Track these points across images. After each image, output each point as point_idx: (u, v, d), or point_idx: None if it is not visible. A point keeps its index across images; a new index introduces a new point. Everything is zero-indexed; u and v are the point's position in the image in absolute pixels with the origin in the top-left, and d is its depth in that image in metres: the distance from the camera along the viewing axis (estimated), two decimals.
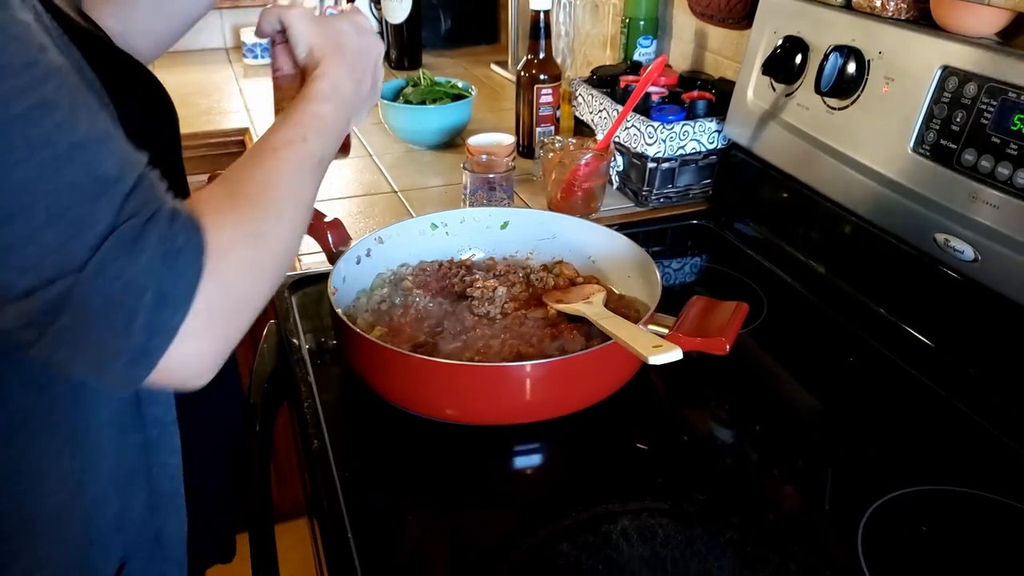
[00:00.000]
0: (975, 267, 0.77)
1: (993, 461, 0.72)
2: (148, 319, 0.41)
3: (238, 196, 0.49)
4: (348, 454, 0.71)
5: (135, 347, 0.42)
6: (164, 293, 0.42)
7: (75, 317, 0.40)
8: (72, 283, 0.40)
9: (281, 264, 0.52)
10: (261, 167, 0.53)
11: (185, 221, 0.44)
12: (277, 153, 0.54)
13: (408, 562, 0.61)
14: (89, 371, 0.42)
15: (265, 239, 0.49)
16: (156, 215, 0.42)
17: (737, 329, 0.72)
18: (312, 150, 0.57)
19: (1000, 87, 0.74)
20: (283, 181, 0.53)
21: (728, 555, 0.59)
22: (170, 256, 0.42)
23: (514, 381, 0.71)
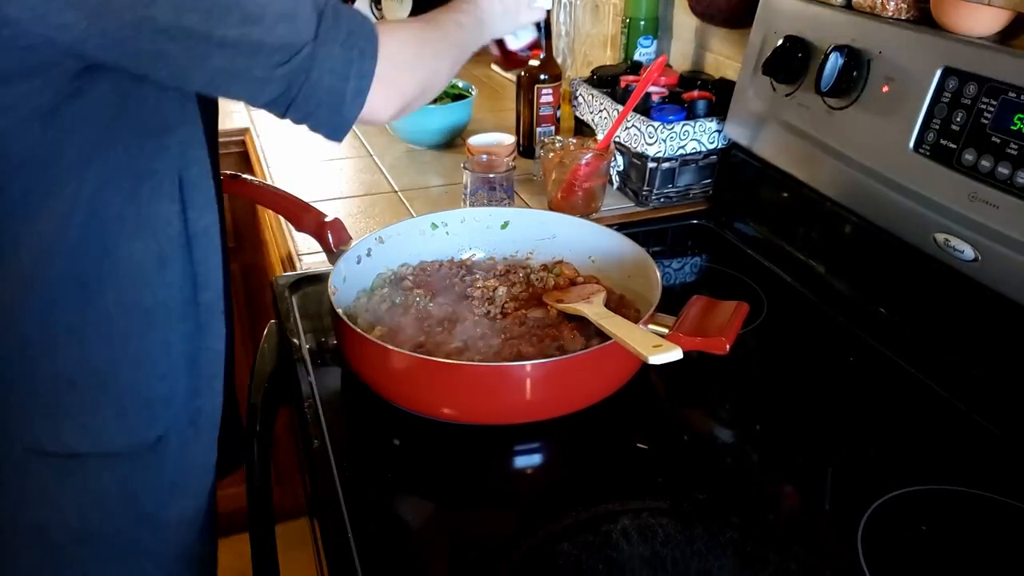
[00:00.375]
0: (975, 267, 0.77)
1: (993, 461, 0.72)
2: (358, 66, 0.60)
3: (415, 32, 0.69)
4: (348, 454, 0.71)
5: (353, 88, 0.60)
6: (363, 49, 0.60)
7: (319, 71, 0.58)
8: (312, 47, 0.57)
9: (452, 57, 0.72)
10: (436, 25, 0.71)
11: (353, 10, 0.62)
12: (446, 27, 0.72)
13: (408, 562, 0.61)
14: (328, 113, 0.61)
15: (436, 32, 0.70)
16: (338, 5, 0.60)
17: (737, 329, 0.72)
18: (465, 33, 0.74)
19: (1000, 87, 0.74)
20: (449, 36, 0.72)
21: (728, 554, 0.59)
22: (355, 23, 0.60)
23: (514, 381, 0.71)
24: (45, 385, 0.64)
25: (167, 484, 0.70)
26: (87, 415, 0.66)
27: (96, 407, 0.66)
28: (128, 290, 0.64)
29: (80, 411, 0.65)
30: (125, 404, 0.67)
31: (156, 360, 0.67)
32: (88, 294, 0.63)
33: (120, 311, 0.64)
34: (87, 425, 0.66)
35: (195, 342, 0.69)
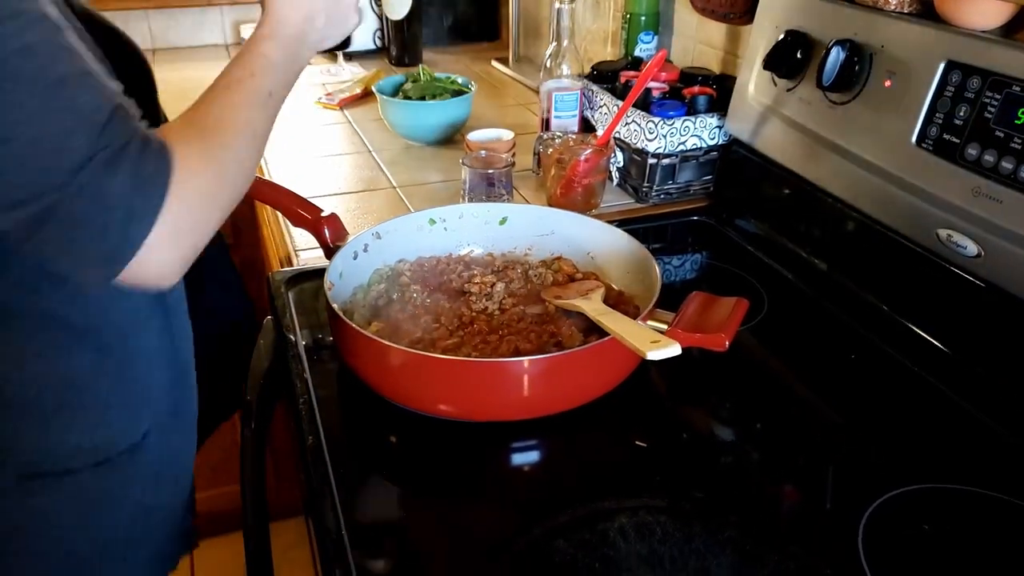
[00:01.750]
0: (978, 262, 0.77)
1: (996, 459, 0.71)
2: (119, 232, 0.50)
3: (199, 127, 0.57)
4: (344, 451, 0.70)
5: (106, 254, 0.50)
6: (133, 211, 0.50)
7: (58, 227, 0.49)
8: (56, 199, 0.48)
9: (237, 187, 0.60)
10: (217, 103, 0.60)
11: (155, 150, 0.51)
12: (229, 90, 0.60)
13: (403, 559, 0.60)
14: (69, 269, 0.53)
15: (223, 165, 0.57)
16: (129, 144, 0.50)
17: (737, 325, 0.71)
18: (260, 86, 0.62)
19: (1004, 80, 0.73)
20: (236, 115, 0.59)
21: (727, 553, 0.58)
22: (140, 180, 0.50)
23: (511, 377, 0.70)
24: (33, 405, 0.64)
25: (152, 475, 0.72)
26: (76, 430, 0.66)
27: (84, 420, 0.66)
28: (95, 308, 0.64)
29: (70, 427, 0.65)
30: (111, 413, 0.67)
31: (134, 365, 0.68)
32: (55, 317, 0.63)
33: (93, 326, 0.64)
34: (78, 439, 0.66)
35: (165, 340, 0.71)
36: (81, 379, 0.65)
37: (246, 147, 0.60)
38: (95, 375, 0.66)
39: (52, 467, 0.65)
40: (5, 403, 0.63)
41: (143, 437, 0.69)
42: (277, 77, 0.64)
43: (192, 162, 0.54)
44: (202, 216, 0.55)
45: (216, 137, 0.57)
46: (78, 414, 0.66)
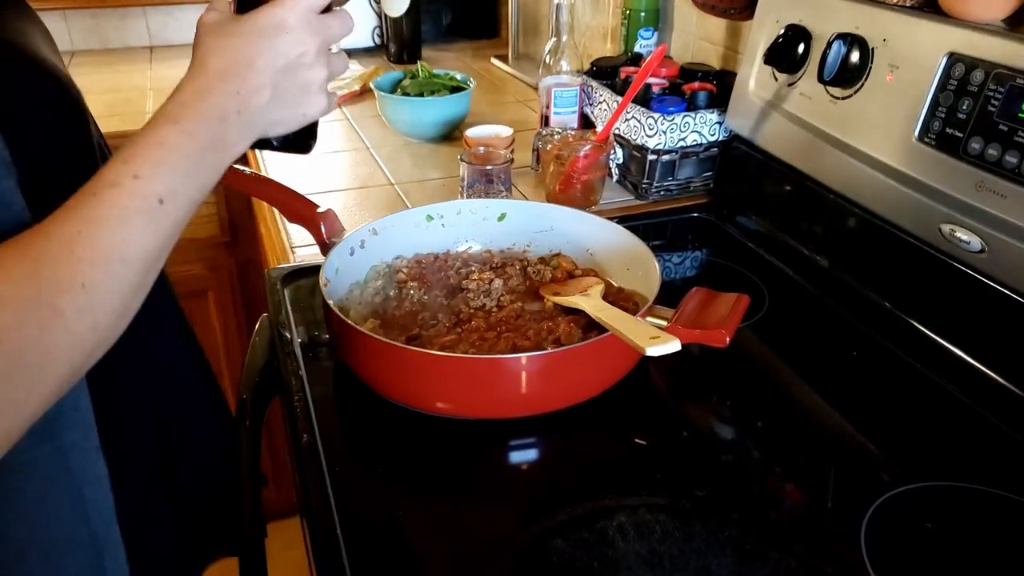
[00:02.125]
0: (982, 258, 0.76)
1: (1000, 456, 0.70)
2: None
3: (35, 260, 0.42)
4: (339, 449, 0.69)
5: None
6: None
7: None
8: None
9: (83, 343, 0.43)
10: (74, 219, 0.44)
11: None
12: (96, 199, 0.45)
13: (399, 558, 0.59)
14: None
15: (61, 316, 0.42)
16: None
17: (737, 321, 0.70)
18: (144, 188, 0.46)
19: (1008, 73, 0.72)
20: (98, 236, 0.44)
21: (727, 552, 0.57)
22: None
23: (509, 374, 0.69)
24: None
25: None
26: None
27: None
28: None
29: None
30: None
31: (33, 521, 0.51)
32: None
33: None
34: None
35: (70, 494, 0.53)
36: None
37: (101, 287, 0.44)
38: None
39: None
40: None
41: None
42: (176, 176, 0.48)
43: (5, 318, 0.40)
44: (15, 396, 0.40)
45: (49, 277, 0.42)
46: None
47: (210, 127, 0.50)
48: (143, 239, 0.46)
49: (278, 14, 0.54)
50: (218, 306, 1.72)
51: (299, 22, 0.54)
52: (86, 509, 0.54)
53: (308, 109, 0.57)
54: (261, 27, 0.53)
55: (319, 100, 0.58)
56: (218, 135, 0.51)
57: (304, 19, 0.54)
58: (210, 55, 0.52)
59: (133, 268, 0.46)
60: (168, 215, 0.47)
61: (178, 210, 0.48)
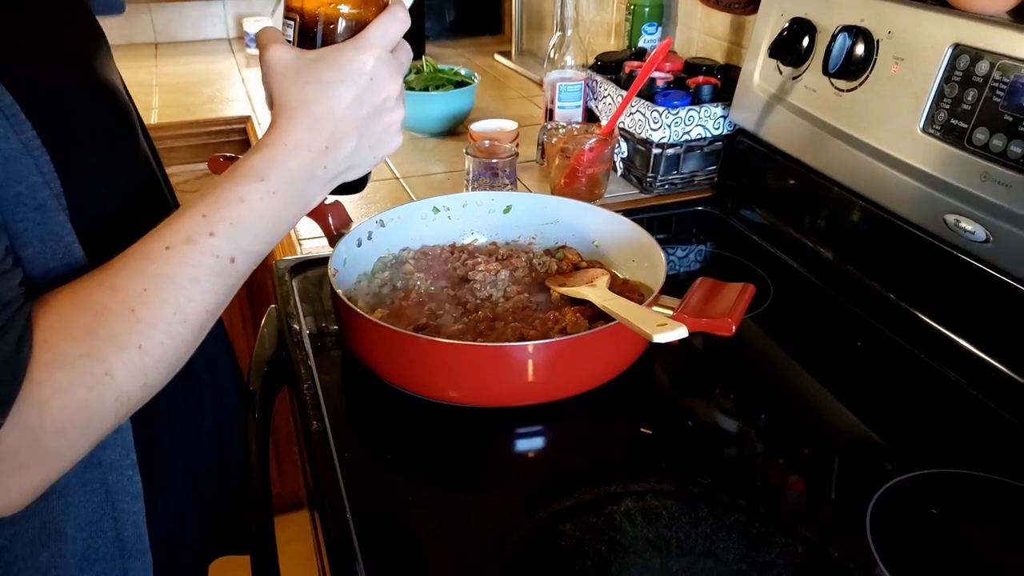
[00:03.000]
0: (987, 248, 0.76)
1: (1004, 444, 0.71)
2: None
3: (95, 315, 0.41)
4: (348, 436, 0.70)
5: None
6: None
7: None
8: None
9: (131, 399, 0.43)
10: (141, 273, 0.43)
11: (10, 347, 0.38)
12: (168, 254, 0.43)
13: (409, 543, 0.60)
14: None
15: (113, 377, 0.41)
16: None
17: (743, 311, 0.70)
18: (219, 247, 0.45)
19: (1013, 64, 0.72)
20: (165, 295, 0.42)
21: (734, 536, 0.58)
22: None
23: (517, 362, 0.70)
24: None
25: None
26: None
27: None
28: None
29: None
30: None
31: (57, 539, 0.51)
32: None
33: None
34: None
35: (108, 503, 0.53)
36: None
37: (164, 343, 0.43)
38: (9, 559, 0.49)
39: None
40: None
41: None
42: (252, 236, 0.46)
43: (63, 377, 0.39)
44: (64, 444, 0.41)
45: (117, 334, 0.41)
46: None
47: (295, 186, 0.49)
48: (207, 299, 0.45)
49: (359, 59, 0.51)
50: None
51: (379, 64, 0.51)
52: (118, 521, 0.54)
53: (384, 150, 0.55)
54: (344, 73, 0.50)
55: (396, 140, 0.55)
56: (301, 192, 0.49)
57: (383, 60, 0.52)
58: (296, 105, 0.49)
59: (192, 328, 0.45)
60: (236, 273, 0.47)
61: (247, 267, 0.47)
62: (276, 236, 0.49)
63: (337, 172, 0.52)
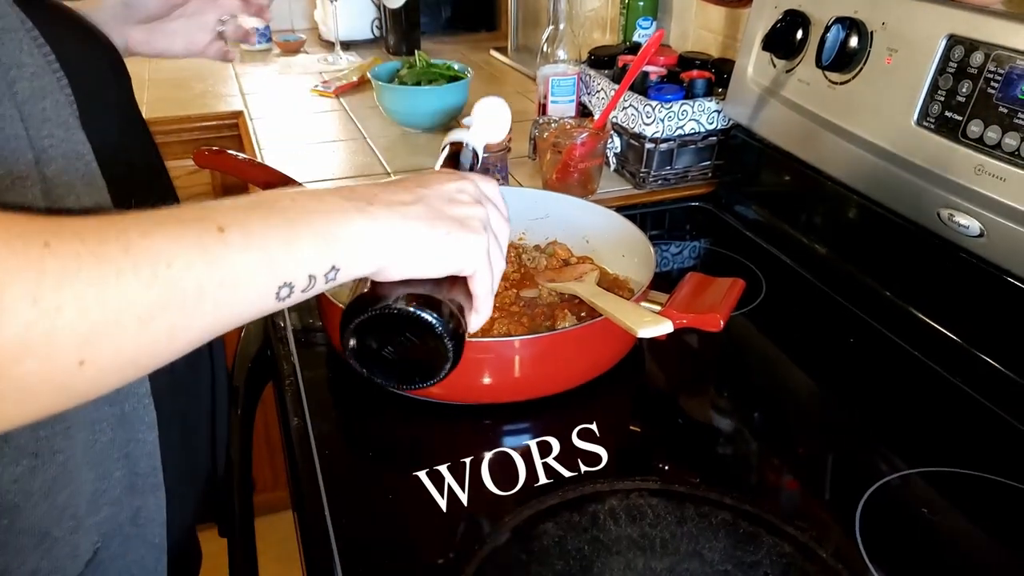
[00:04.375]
0: (981, 242, 0.75)
1: (997, 442, 0.69)
2: None
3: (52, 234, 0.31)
4: (330, 433, 0.68)
5: None
6: None
7: None
8: None
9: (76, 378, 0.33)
10: (117, 218, 0.34)
11: None
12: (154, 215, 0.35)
13: (388, 542, 0.58)
14: None
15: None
16: None
17: (732, 306, 0.69)
18: (211, 219, 0.36)
19: (1008, 55, 0.71)
20: (141, 240, 0.33)
21: (720, 535, 0.57)
22: None
23: (502, 358, 0.69)
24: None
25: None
26: (7, 558, 0.49)
27: (16, 551, 0.48)
28: None
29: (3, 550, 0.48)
30: (49, 539, 0.50)
31: (79, 471, 0.50)
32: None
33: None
34: (9, 569, 0.49)
35: (123, 432, 0.53)
36: (5, 497, 0.47)
37: (133, 290, 0.32)
38: (26, 491, 0.47)
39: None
40: None
41: (94, 554, 0.52)
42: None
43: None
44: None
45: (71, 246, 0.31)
46: (7, 543, 0.48)
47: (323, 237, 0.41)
48: (193, 274, 0.35)
49: (460, 176, 0.52)
50: None
51: (470, 184, 0.52)
52: (131, 455, 0.54)
53: (461, 248, 0.47)
54: (438, 176, 0.50)
55: (474, 242, 0.47)
56: (320, 196, 0.43)
57: (476, 184, 0.53)
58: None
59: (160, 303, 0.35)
60: (221, 255, 0.37)
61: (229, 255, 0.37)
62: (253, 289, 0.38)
63: (377, 200, 0.44)
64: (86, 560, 0.51)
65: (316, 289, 0.40)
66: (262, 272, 0.37)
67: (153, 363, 0.36)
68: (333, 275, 0.40)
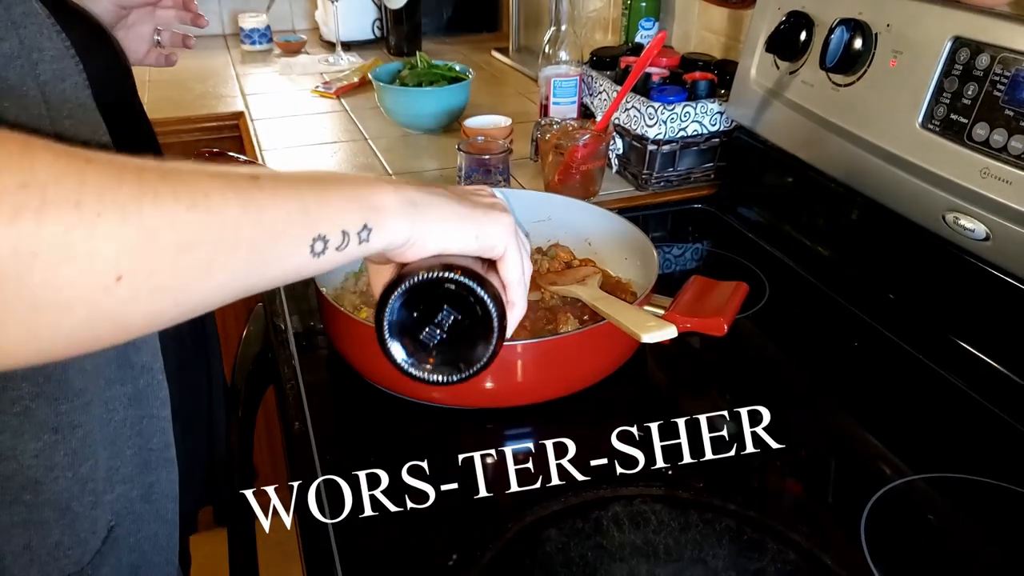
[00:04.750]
0: (986, 246, 0.74)
1: (1003, 447, 0.69)
2: None
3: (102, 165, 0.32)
4: (330, 437, 0.68)
5: None
6: None
7: None
8: None
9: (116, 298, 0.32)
10: (151, 162, 0.34)
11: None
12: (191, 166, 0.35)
13: (389, 548, 0.58)
14: None
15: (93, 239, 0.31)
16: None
17: (736, 310, 0.69)
18: (246, 173, 0.37)
19: (1014, 57, 0.70)
20: (178, 181, 0.33)
21: (724, 542, 0.56)
22: None
23: (504, 362, 0.68)
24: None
25: (127, 568, 0.56)
26: (31, 532, 0.49)
27: (37, 525, 0.49)
28: (45, 367, 0.47)
29: (18, 536, 0.49)
30: (69, 513, 0.50)
31: (96, 446, 0.51)
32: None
33: (47, 396, 0.47)
34: (32, 550, 0.49)
35: (136, 409, 0.54)
36: (29, 471, 0.48)
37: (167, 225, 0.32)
38: (47, 465, 0.48)
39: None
40: None
41: (109, 531, 0.53)
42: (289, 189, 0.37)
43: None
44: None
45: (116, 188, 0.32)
46: (31, 518, 0.48)
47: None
48: (226, 213, 0.35)
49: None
50: None
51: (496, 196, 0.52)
52: (144, 432, 0.54)
53: (490, 223, 0.47)
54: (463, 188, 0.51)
55: (503, 219, 0.48)
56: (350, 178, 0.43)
57: (502, 201, 0.52)
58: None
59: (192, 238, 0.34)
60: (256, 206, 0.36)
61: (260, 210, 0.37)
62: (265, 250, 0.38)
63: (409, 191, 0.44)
64: (102, 537, 0.52)
65: (349, 251, 0.40)
66: (296, 220, 0.37)
67: (186, 299, 0.35)
68: (366, 235, 0.40)
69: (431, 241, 0.44)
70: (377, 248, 0.41)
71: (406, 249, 0.43)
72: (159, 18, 0.94)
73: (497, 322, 0.44)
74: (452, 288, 0.43)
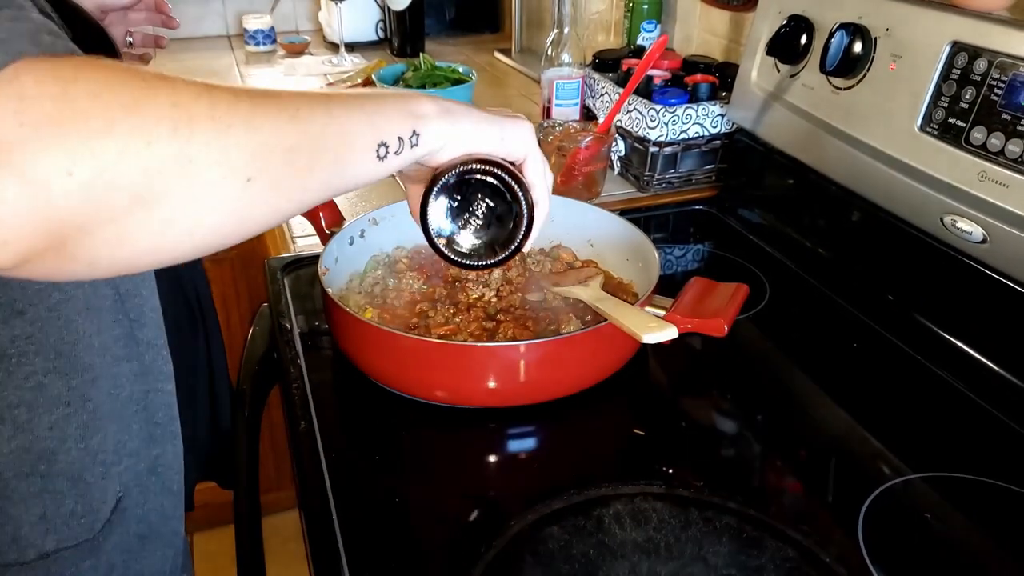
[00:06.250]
0: (984, 249, 0.75)
1: (1000, 448, 0.70)
2: None
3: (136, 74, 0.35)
4: (336, 436, 0.69)
5: None
6: None
7: None
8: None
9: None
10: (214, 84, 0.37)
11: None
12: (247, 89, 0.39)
13: (394, 545, 0.59)
14: None
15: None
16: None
17: (736, 311, 0.70)
18: (293, 102, 0.40)
19: (1012, 62, 0.71)
20: (235, 101, 0.37)
21: (724, 540, 0.57)
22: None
23: (507, 361, 0.69)
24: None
25: (134, 538, 0.58)
26: (46, 502, 0.52)
27: (51, 495, 0.52)
28: (56, 344, 0.50)
29: (33, 506, 0.52)
30: (81, 484, 0.53)
31: (105, 419, 0.54)
32: (8, 364, 0.49)
33: (59, 371, 0.50)
34: (45, 520, 0.52)
35: (142, 384, 0.57)
36: (43, 443, 0.51)
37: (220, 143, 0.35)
38: (60, 437, 0.51)
39: (18, 557, 0.52)
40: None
41: (117, 502, 0.56)
42: (341, 111, 0.42)
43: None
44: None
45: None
46: (46, 488, 0.51)
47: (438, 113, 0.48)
48: (264, 142, 0.38)
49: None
50: (219, 298, 1.72)
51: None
52: (149, 407, 0.58)
53: (513, 127, 0.53)
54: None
55: (524, 124, 0.54)
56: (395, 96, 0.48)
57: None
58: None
59: (232, 162, 0.37)
60: (298, 132, 0.40)
61: (301, 135, 0.41)
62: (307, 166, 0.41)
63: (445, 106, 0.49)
64: (111, 507, 0.56)
65: (404, 155, 0.45)
66: (364, 128, 0.43)
67: (298, 196, 0.40)
68: (415, 140, 0.46)
69: (462, 143, 0.49)
70: (422, 152, 0.47)
71: (442, 152, 0.48)
72: (131, 20, 0.96)
73: (526, 208, 0.50)
74: (485, 180, 0.50)
